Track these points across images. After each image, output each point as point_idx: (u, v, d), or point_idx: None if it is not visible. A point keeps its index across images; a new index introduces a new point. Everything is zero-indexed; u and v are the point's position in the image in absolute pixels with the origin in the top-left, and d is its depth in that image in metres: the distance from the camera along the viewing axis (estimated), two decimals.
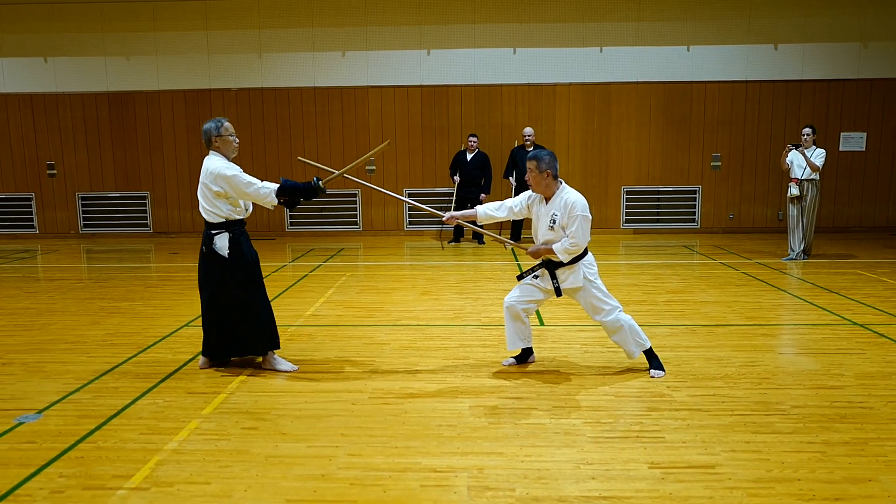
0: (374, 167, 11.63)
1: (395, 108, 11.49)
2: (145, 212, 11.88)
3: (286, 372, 4.46)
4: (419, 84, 11.41)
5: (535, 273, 4.30)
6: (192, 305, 6.22)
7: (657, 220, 11.59)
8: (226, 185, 4.25)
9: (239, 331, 4.41)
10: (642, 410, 3.72)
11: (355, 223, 11.83)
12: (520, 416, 3.65)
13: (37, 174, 11.81)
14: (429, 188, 11.49)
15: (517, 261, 8.90)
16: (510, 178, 10.47)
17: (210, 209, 4.35)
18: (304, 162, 4.85)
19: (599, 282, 4.23)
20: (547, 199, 4.19)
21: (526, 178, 4.23)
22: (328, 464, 3.11)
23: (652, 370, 4.27)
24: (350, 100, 11.50)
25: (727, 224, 11.52)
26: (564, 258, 4.11)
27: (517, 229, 10.47)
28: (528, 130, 10.33)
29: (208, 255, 4.39)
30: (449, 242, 10.75)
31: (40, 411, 3.78)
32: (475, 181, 10.44)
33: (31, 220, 11.93)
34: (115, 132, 11.66)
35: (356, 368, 4.51)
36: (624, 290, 6.75)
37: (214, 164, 4.29)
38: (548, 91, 11.34)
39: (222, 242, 4.36)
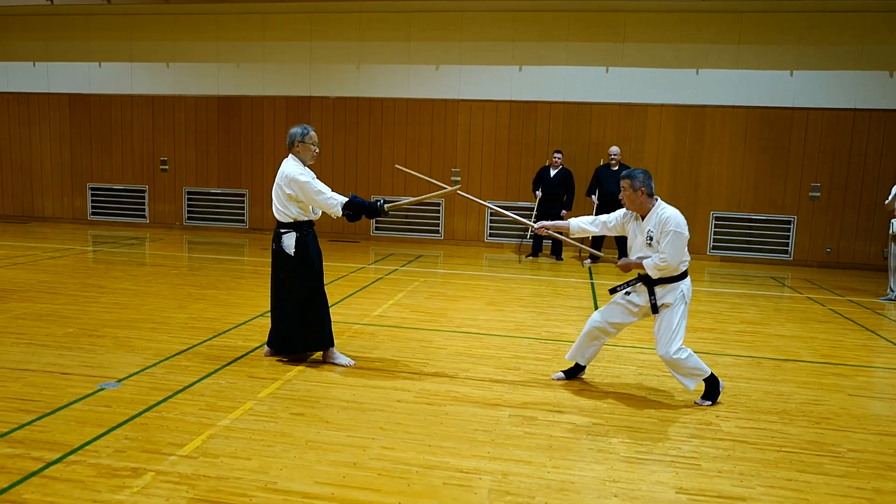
0: (459, 178, 11.85)
1: (483, 121, 11.68)
2: (243, 209, 12.65)
3: (343, 366, 4.68)
4: (509, 99, 11.54)
5: (629, 288, 4.21)
6: (269, 297, 6.59)
7: (747, 249, 11.11)
8: (298, 189, 4.52)
9: (298, 326, 4.67)
10: (684, 436, 3.65)
11: (437, 232, 12.09)
12: (557, 430, 3.67)
13: (151, 169, 12.86)
14: (512, 201, 11.56)
15: (591, 279, 8.82)
16: (592, 196, 10.38)
17: (281, 209, 4.64)
18: (401, 169, 5.09)
19: (685, 310, 4.07)
20: (642, 217, 4.14)
21: (620, 196, 4.18)
22: (361, 453, 3.27)
23: (701, 399, 4.15)
24: (441, 112, 11.80)
25: (823, 258, 10.88)
26: (654, 274, 4.02)
27: (598, 244, 10.35)
28: (615, 149, 10.21)
29: (277, 252, 4.69)
30: (527, 257, 10.77)
31: (120, 380, 4.18)
32: (557, 197, 10.43)
33: (143, 210, 12.99)
34: (222, 133, 12.51)
35: (408, 369, 4.67)
36: (696, 317, 6.57)
37: (291, 168, 4.58)
38: (639, 111, 11.17)
39: (289, 241, 4.63)
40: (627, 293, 4.22)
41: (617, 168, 10.19)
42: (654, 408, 4.07)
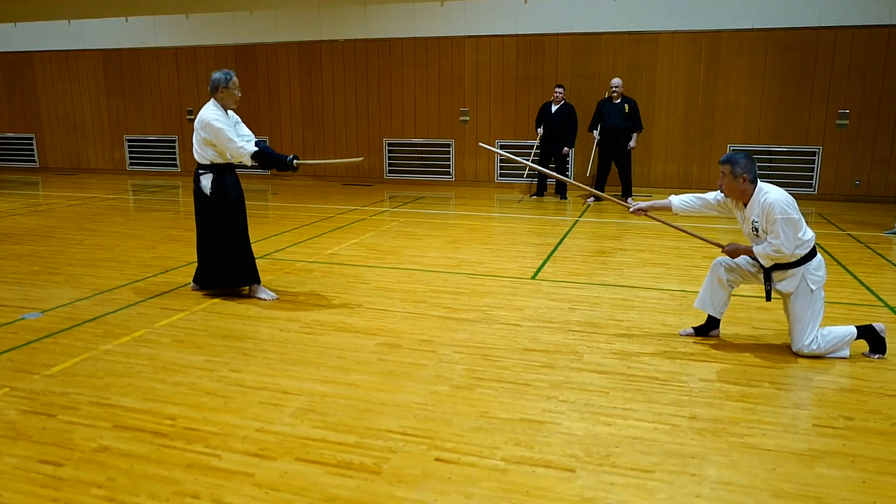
0: (467, 118, 11.73)
1: (490, 58, 11.43)
2: None
3: (264, 300, 4.92)
4: (515, 33, 11.21)
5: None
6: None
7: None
8: (212, 134, 4.71)
9: (215, 263, 4.92)
10: (540, 367, 3.68)
11: (448, 173, 12.09)
12: (411, 357, 3.77)
13: (179, 119, 13.42)
14: (521, 140, 11.37)
15: (580, 218, 8.65)
16: (594, 131, 10.05)
17: (199, 151, 4.86)
18: (485, 147, 5.01)
19: (820, 295, 3.76)
20: (745, 203, 3.81)
21: (718, 182, 3.86)
22: (206, 375, 3.51)
23: (869, 353, 3.83)
24: (447, 50, 11.62)
25: (851, 191, 10.15)
26: (766, 263, 3.74)
27: (601, 187, 10.07)
28: (616, 81, 9.80)
29: (195, 193, 4.93)
30: (531, 196, 10.64)
31: (44, 311, 4.60)
32: (560, 134, 10.17)
33: (175, 159, 13.64)
34: (241, 81, 12.81)
35: (318, 302, 4.86)
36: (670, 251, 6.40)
37: (208, 112, 4.77)
38: (649, 39, 10.60)
39: (206, 182, 4.87)
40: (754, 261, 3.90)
41: (619, 101, 9.81)
42: (526, 337, 4.10)
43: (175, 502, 2.40)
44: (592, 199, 10.12)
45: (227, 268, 4.91)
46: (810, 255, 3.75)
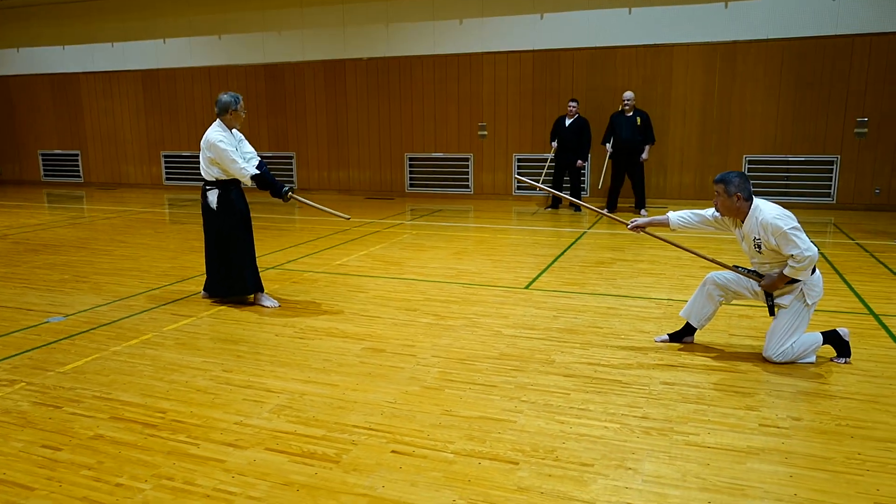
0: (485, 132, 11.98)
1: (507, 73, 11.68)
2: (291, 170, 13.54)
3: (267, 307, 5.24)
4: (531, 49, 11.45)
5: (750, 271, 4.00)
6: (261, 249, 7.30)
7: (784, 194, 10.45)
8: (217, 155, 5.06)
9: (220, 273, 5.26)
10: (511, 370, 3.88)
11: (467, 186, 12.35)
12: (390, 361, 4.02)
13: None
14: (538, 153, 11.57)
15: (587, 230, 8.80)
16: (607, 144, 10.19)
17: (206, 169, 5.22)
18: (523, 181, 4.95)
19: (810, 312, 3.86)
20: (741, 221, 3.88)
21: (714, 202, 3.92)
22: (200, 374, 3.83)
23: (837, 358, 3.94)
24: (466, 66, 11.92)
25: (872, 200, 10.05)
26: (804, 276, 3.74)
27: (615, 199, 10.20)
28: (628, 94, 9.94)
29: (203, 207, 5.29)
30: (546, 208, 10.82)
31: (67, 315, 5.00)
32: (573, 147, 10.34)
33: None
34: (269, 100, 13.38)
35: (316, 309, 5.16)
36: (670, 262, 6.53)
37: (214, 134, 5.12)
38: (665, 52, 10.71)
39: (213, 197, 5.21)
40: (748, 274, 4.02)
41: (631, 114, 9.94)
42: (504, 343, 4.31)
43: (152, 483, 2.69)
44: (606, 210, 10.24)
45: (230, 278, 5.24)
46: (814, 270, 3.83)
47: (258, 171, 5.06)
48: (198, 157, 14.42)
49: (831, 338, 3.94)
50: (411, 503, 2.54)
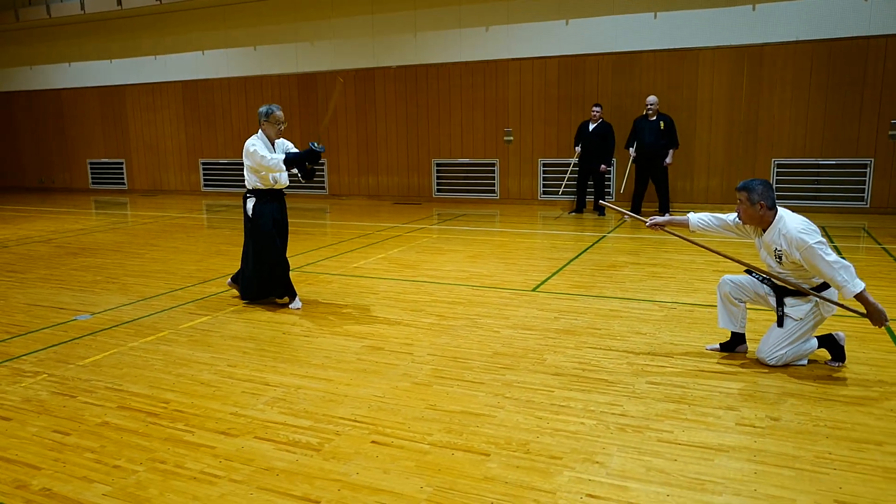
0: (511, 137, 12.08)
1: (533, 79, 11.77)
2: (323, 176, 13.88)
3: (293, 309, 5.41)
4: (557, 55, 11.51)
5: (764, 279, 3.98)
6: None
7: (814, 198, 10.26)
8: (250, 158, 5.28)
9: (246, 275, 5.49)
10: (503, 366, 4.00)
11: (493, 191, 12.46)
12: (387, 359, 4.17)
13: None
14: (563, 158, 11.61)
15: (608, 233, 8.82)
16: (630, 148, 10.18)
17: (246, 177, 5.43)
18: (609, 207, 4.65)
19: (817, 327, 3.87)
20: (763, 230, 3.85)
21: (737, 209, 3.89)
22: (206, 368, 4.05)
23: (831, 361, 3.93)
24: (492, 73, 12.06)
25: None
26: (857, 289, 3.51)
27: (638, 203, 10.18)
28: (652, 99, 9.91)
29: (244, 212, 5.52)
30: (570, 213, 10.85)
31: (93, 314, 5.32)
32: (597, 151, 10.36)
33: (243, 181, 14.66)
34: (302, 108, 13.76)
35: (325, 309, 5.35)
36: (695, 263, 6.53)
37: (248, 141, 5.30)
38: (691, 56, 10.65)
39: (249, 205, 5.42)
40: (763, 280, 3.99)
41: (655, 118, 9.91)
42: (500, 343, 4.42)
43: (147, 465, 2.90)
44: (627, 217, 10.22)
45: (250, 283, 5.45)
46: (826, 285, 3.76)
47: (284, 155, 5.20)
48: (234, 163, 15.07)
49: (827, 341, 3.94)
50: (381, 489, 2.68)
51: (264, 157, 5.20)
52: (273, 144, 5.37)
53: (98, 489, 2.71)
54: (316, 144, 5.14)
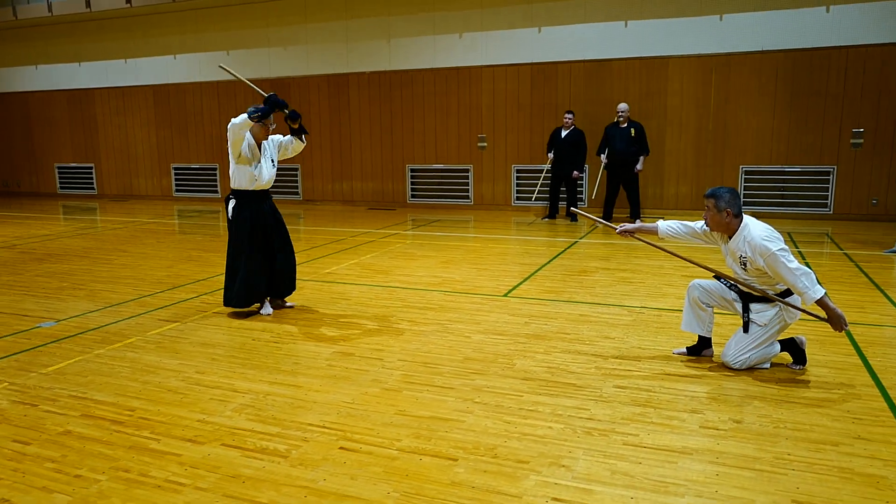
0: (485, 144, 12.15)
1: (506, 86, 11.86)
2: (296, 182, 13.80)
3: (264, 315, 5.35)
4: (530, 62, 11.62)
5: (732, 286, 4.03)
6: None
7: (780, 205, 10.48)
8: (229, 139, 5.12)
9: (227, 278, 5.40)
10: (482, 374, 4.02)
11: (467, 197, 12.51)
12: (357, 364, 4.17)
13: (220, 149, 14.32)
14: (537, 164, 11.70)
15: (579, 239, 8.91)
16: (602, 155, 10.31)
17: (230, 175, 5.35)
18: (579, 214, 4.77)
19: (781, 333, 3.95)
20: (729, 237, 3.92)
21: (704, 216, 3.98)
22: (174, 375, 4.00)
23: (793, 365, 4.01)
24: (466, 79, 12.12)
25: (869, 210, 10.04)
26: (817, 295, 3.59)
27: (610, 209, 10.30)
28: (623, 106, 10.06)
29: (226, 215, 5.45)
30: (543, 219, 10.94)
31: (58, 321, 5.22)
32: (569, 158, 10.47)
33: (216, 186, 14.56)
34: (277, 113, 13.62)
35: (297, 315, 5.33)
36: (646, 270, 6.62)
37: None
38: (660, 64, 10.83)
39: (230, 206, 5.35)
40: (731, 287, 4.05)
41: (626, 125, 10.05)
42: (471, 348, 4.44)
43: (109, 474, 2.86)
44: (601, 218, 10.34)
45: (227, 288, 5.35)
46: (789, 292, 3.84)
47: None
48: (207, 168, 14.93)
49: (788, 345, 4.03)
50: (347, 495, 2.68)
51: (232, 121, 5.06)
52: (260, 147, 5.33)
53: (58, 499, 2.67)
54: (271, 95, 5.13)
